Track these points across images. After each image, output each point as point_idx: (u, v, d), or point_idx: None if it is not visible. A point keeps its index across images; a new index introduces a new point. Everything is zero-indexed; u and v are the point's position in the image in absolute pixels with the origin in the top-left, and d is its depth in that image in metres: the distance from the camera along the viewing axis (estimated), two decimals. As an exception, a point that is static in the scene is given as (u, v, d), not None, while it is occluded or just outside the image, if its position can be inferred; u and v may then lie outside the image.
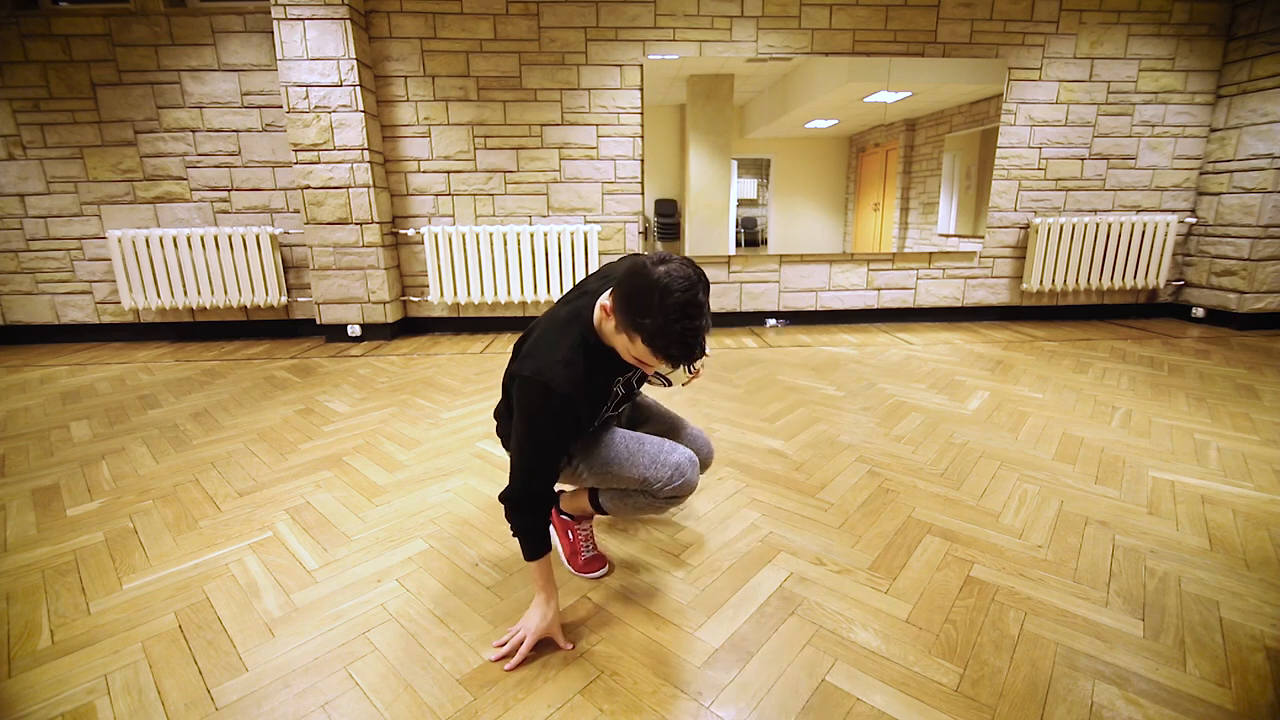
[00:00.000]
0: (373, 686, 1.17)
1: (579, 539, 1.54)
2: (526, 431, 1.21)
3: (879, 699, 1.12)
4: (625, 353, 1.17)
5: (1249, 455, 2.16)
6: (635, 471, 1.33)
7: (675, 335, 1.03)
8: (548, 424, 1.19)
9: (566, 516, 1.56)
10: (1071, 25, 4.20)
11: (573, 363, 1.19)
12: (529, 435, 1.21)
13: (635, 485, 1.34)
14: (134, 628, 1.35)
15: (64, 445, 2.42)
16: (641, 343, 1.07)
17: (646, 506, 1.38)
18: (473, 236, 4.17)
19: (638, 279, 1.05)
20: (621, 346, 1.16)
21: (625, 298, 1.08)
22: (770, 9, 4.07)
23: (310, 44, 3.73)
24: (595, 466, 1.37)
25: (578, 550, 1.54)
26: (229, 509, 1.88)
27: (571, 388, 1.17)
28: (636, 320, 1.05)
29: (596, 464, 1.37)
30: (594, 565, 1.52)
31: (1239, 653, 1.23)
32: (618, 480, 1.36)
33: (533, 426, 1.20)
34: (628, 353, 1.16)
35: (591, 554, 1.54)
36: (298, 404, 2.88)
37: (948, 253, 4.54)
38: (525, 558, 1.26)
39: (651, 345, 1.06)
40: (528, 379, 1.19)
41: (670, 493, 1.33)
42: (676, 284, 1.02)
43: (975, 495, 1.90)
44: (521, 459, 1.23)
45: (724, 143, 4.20)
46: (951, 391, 2.94)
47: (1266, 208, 4.06)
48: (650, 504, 1.38)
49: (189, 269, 4.09)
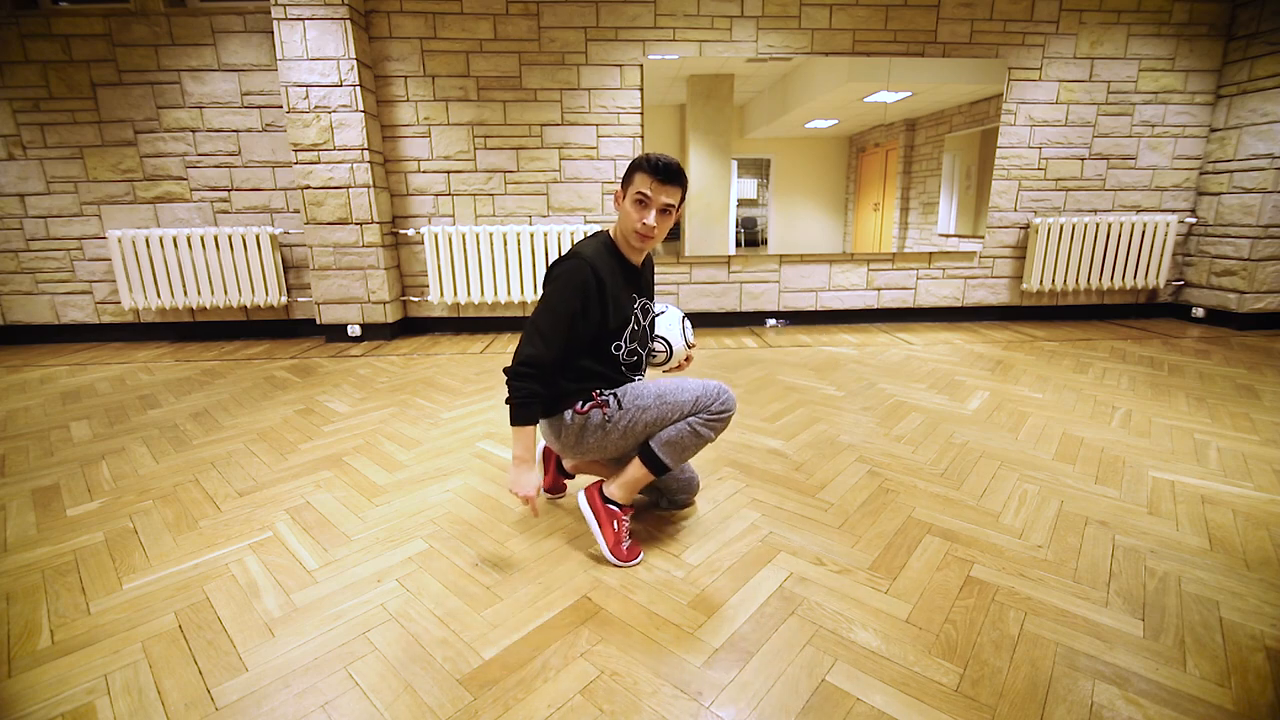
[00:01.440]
0: (373, 686, 1.17)
1: (623, 529, 1.58)
2: (547, 296, 1.47)
3: (879, 699, 1.12)
4: (630, 210, 1.49)
5: (1249, 455, 2.16)
6: (687, 395, 1.52)
7: (653, 158, 1.46)
8: (569, 286, 1.45)
9: (614, 506, 1.59)
10: (1071, 25, 4.21)
11: (599, 249, 1.53)
12: (548, 299, 1.47)
13: (689, 408, 1.51)
14: (134, 628, 1.35)
15: (64, 445, 2.42)
16: (638, 171, 1.47)
17: (701, 433, 1.51)
18: (473, 236, 4.17)
19: (630, 164, 1.53)
20: (627, 205, 1.50)
21: (624, 175, 1.53)
22: (770, 9, 4.07)
23: (310, 44, 3.73)
24: (649, 399, 1.53)
25: (620, 539, 1.57)
26: (229, 509, 1.88)
27: (597, 259, 1.48)
28: (631, 167, 1.50)
29: (649, 397, 1.53)
30: (635, 551, 1.59)
31: (1239, 653, 1.23)
32: (672, 408, 1.51)
33: (555, 289, 1.46)
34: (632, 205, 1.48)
35: (630, 541, 1.60)
36: (298, 404, 2.88)
37: (948, 253, 4.54)
38: (515, 422, 1.44)
39: (641, 168, 1.47)
40: (563, 259, 1.49)
41: (720, 407, 1.51)
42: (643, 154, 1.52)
43: (975, 495, 1.90)
44: (535, 321, 1.46)
45: (724, 143, 4.20)
46: (951, 391, 2.94)
47: (1266, 208, 4.06)
48: (704, 428, 1.51)
49: (189, 269, 4.09)
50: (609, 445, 1.58)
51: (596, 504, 1.60)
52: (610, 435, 1.56)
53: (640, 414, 1.53)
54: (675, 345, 1.75)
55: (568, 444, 1.60)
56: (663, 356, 1.76)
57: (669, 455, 1.53)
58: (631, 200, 1.49)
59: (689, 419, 1.52)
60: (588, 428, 1.56)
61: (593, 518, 1.59)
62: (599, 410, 1.55)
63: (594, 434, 1.56)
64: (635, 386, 1.59)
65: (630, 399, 1.55)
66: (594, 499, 1.61)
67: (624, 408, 1.54)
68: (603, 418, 1.55)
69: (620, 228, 1.57)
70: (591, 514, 1.60)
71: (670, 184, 1.47)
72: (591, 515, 1.60)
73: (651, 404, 1.53)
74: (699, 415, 1.51)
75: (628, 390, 1.58)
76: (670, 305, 1.83)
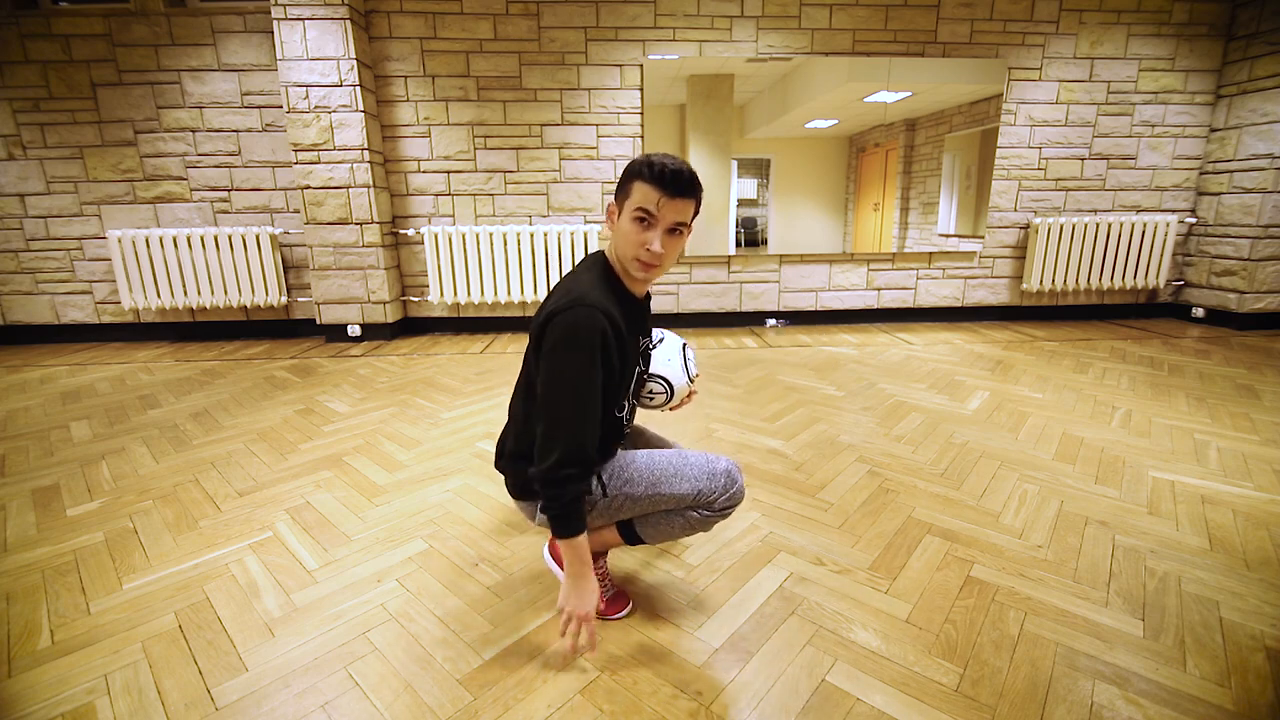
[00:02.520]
0: (373, 686, 1.17)
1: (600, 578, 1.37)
2: (560, 366, 1.11)
3: (879, 699, 1.12)
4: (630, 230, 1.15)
5: (1249, 455, 2.16)
6: (687, 486, 1.22)
7: (657, 163, 1.11)
8: (588, 346, 1.10)
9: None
10: (1071, 25, 4.20)
11: (602, 287, 1.19)
12: (564, 370, 1.11)
13: (688, 501, 1.23)
14: (134, 628, 1.35)
15: (64, 445, 2.42)
16: (637, 180, 1.13)
17: (696, 524, 1.25)
18: (473, 236, 4.17)
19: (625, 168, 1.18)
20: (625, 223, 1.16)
21: (619, 184, 1.19)
22: (770, 9, 4.07)
23: (310, 44, 3.73)
24: (639, 487, 1.24)
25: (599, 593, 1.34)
26: (229, 509, 1.88)
27: (607, 303, 1.15)
28: (628, 174, 1.16)
29: (640, 483, 1.24)
30: (618, 605, 1.36)
31: (1239, 653, 1.23)
32: (667, 500, 1.24)
33: (570, 356, 1.10)
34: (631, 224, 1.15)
35: (612, 592, 1.39)
36: (298, 404, 2.88)
37: (948, 253, 4.54)
38: (565, 534, 1.11)
39: (642, 175, 1.12)
40: (566, 307, 1.11)
41: (725, 503, 1.23)
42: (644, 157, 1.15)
43: (975, 495, 1.90)
44: (565, 401, 1.10)
45: (724, 143, 4.20)
46: (951, 391, 2.94)
47: (1266, 208, 4.06)
48: (701, 521, 1.25)
49: (189, 269, 4.09)
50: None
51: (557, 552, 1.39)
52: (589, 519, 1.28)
53: (627, 501, 1.26)
54: (676, 383, 1.44)
55: (542, 524, 1.34)
56: (661, 399, 1.45)
57: (652, 536, 1.31)
58: (631, 217, 1.14)
59: (686, 511, 1.25)
60: None
61: (560, 574, 1.36)
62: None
63: None
64: (622, 462, 1.28)
65: (618, 482, 1.25)
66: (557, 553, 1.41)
67: (607, 494, 1.25)
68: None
69: (617, 251, 1.21)
70: (558, 569, 1.37)
71: (681, 196, 1.12)
72: (559, 571, 1.37)
73: (642, 494, 1.24)
74: (699, 510, 1.24)
75: (614, 470, 1.27)
76: (668, 333, 1.51)
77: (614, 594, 1.39)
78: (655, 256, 1.15)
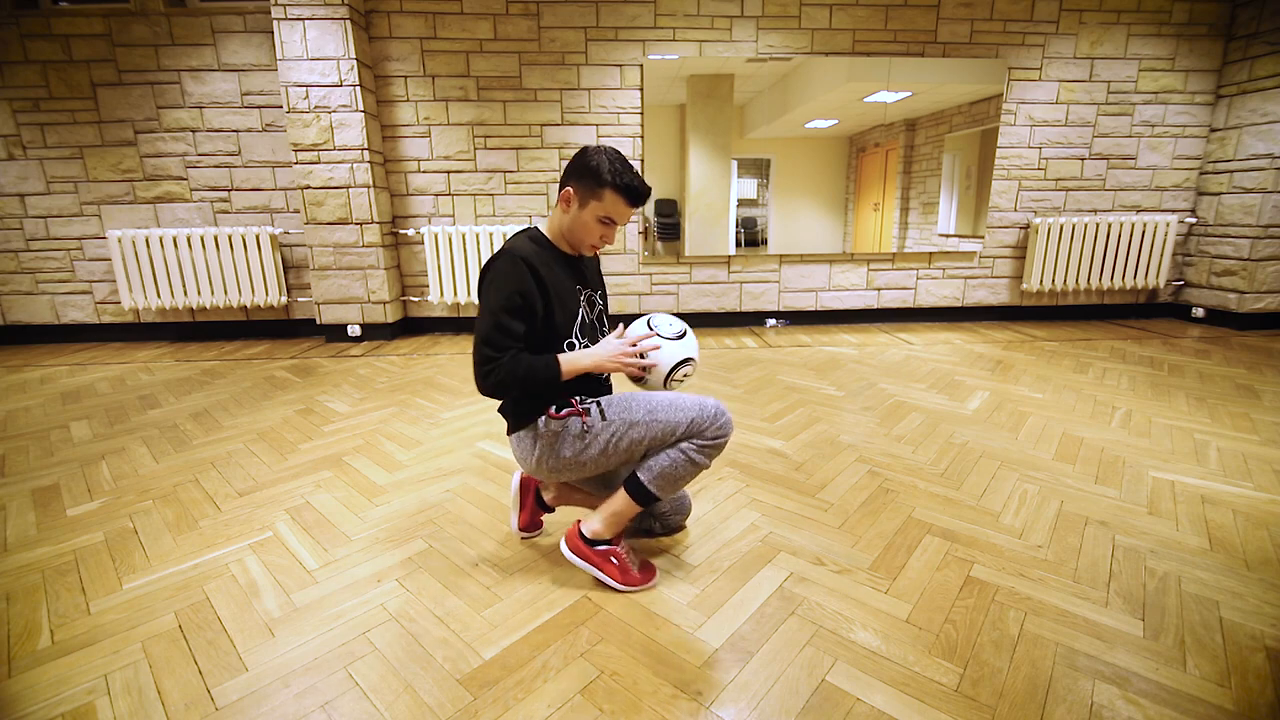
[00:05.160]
0: (373, 686, 1.17)
1: (624, 559, 1.45)
2: (490, 299, 1.33)
3: (879, 699, 1.12)
4: (591, 223, 1.39)
5: (1249, 455, 2.16)
6: (681, 415, 1.35)
7: (628, 176, 1.36)
8: (506, 284, 1.32)
9: (603, 545, 1.44)
10: (1071, 25, 4.21)
11: (527, 243, 1.40)
12: (493, 301, 1.33)
13: (683, 429, 1.35)
14: (134, 628, 1.35)
15: (64, 445, 2.42)
16: (609, 191, 1.35)
17: (697, 461, 1.36)
18: (473, 236, 4.17)
19: (583, 162, 1.37)
20: (587, 217, 1.39)
21: (580, 176, 1.38)
22: (770, 9, 4.07)
23: (310, 44, 3.73)
24: (638, 413, 1.38)
25: (627, 569, 1.44)
26: (229, 509, 1.88)
27: (529, 252, 1.36)
28: (599, 180, 1.35)
29: (639, 410, 1.38)
30: (648, 573, 1.47)
31: (1239, 653, 1.23)
32: (663, 426, 1.35)
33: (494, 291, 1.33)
34: (594, 220, 1.39)
35: (639, 563, 1.48)
36: (298, 404, 2.88)
37: (948, 253, 4.54)
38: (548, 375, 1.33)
39: (614, 185, 1.35)
40: (493, 257, 1.36)
41: (716, 432, 1.35)
42: (608, 154, 1.37)
43: (975, 495, 1.90)
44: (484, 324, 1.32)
45: (724, 143, 4.20)
46: (951, 391, 2.94)
47: (1266, 208, 4.06)
48: (699, 455, 1.36)
49: (189, 269, 4.09)
50: (587, 462, 1.41)
51: (584, 550, 1.44)
52: (589, 449, 1.39)
53: (627, 429, 1.37)
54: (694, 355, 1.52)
55: (541, 456, 1.42)
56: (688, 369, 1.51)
57: (660, 487, 1.37)
58: (595, 217, 1.38)
59: (682, 444, 1.35)
60: (564, 438, 1.40)
61: (586, 565, 1.44)
62: (578, 418, 1.40)
63: (570, 446, 1.40)
64: (621, 396, 1.43)
65: (616, 409, 1.39)
66: (578, 546, 1.45)
67: (607, 419, 1.39)
68: (582, 427, 1.39)
69: (563, 231, 1.44)
70: (583, 561, 1.45)
71: (639, 204, 1.39)
72: (584, 563, 1.45)
73: (641, 419, 1.37)
74: (693, 440, 1.35)
75: (612, 400, 1.42)
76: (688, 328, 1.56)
77: (641, 564, 1.50)
78: (607, 243, 1.43)
